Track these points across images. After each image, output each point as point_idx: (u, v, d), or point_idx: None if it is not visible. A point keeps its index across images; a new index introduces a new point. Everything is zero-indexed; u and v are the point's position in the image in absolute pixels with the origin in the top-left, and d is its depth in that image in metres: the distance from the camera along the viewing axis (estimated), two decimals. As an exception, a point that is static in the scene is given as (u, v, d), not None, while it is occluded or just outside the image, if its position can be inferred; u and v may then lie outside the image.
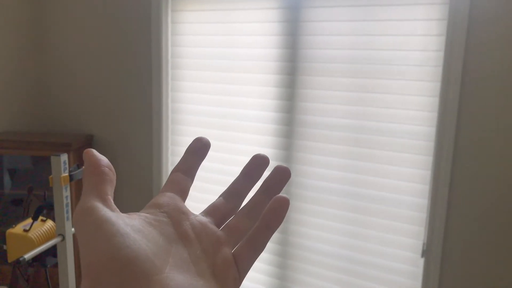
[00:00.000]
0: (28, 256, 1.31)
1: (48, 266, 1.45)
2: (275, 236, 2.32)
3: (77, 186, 2.58)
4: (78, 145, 2.62)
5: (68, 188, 1.46)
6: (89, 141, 2.79)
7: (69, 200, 1.45)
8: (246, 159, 2.34)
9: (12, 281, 2.32)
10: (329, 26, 2.06)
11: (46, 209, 1.48)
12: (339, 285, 2.18)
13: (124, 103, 2.69)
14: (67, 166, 1.43)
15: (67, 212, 1.45)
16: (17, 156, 2.82)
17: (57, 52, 2.93)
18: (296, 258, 2.28)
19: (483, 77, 1.81)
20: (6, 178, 2.78)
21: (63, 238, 1.45)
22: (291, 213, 2.26)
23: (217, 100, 2.39)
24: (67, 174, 1.43)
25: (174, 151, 2.59)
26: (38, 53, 3.02)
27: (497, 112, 1.80)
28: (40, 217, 1.51)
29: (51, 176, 1.43)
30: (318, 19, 2.09)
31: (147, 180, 2.67)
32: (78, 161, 2.62)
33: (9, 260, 1.46)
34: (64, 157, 1.42)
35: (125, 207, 2.79)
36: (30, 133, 2.81)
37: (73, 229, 1.54)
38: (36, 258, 1.45)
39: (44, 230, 1.47)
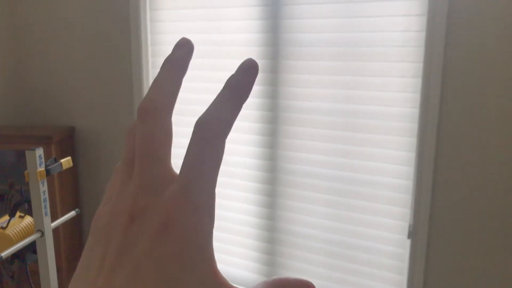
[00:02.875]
0: (5, 254, 1.28)
1: (29, 262, 1.43)
2: (263, 222, 2.31)
3: (52, 180, 2.54)
4: (59, 138, 2.57)
5: (45, 183, 1.42)
6: (71, 133, 2.74)
7: (46, 195, 1.41)
8: (230, 146, 2.32)
9: (-2, 278, 2.29)
10: (311, 9, 2.03)
11: (26, 205, 1.45)
12: (327, 269, 2.19)
13: (105, 93, 2.64)
14: (43, 160, 1.40)
15: (45, 207, 1.41)
16: (1, 150, 2.76)
17: (35, 44, 2.85)
18: (284, 243, 2.28)
19: (466, 56, 1.79)
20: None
21: (42, 234, 1.42)
22: (277, 199, 2.25)
23: (199, 87, 2.35)
24: (43, 168, 1.39)
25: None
26: (15, 45, 2.94)
27: (480, 92, 1.79)
28: (18, 213, 1.47)
29: (26, 171, 1.39)
30: (299, 3, 2.04)
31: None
32: (60, 153, 2.57)
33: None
34: (39, 151, 1.38)
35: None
36: (11, 127, 2.75)
37: (53, 224, 1.51)
38: (16, 255, 1.42)
39: (22, 226, 1.44)
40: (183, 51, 0.24)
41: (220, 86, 2.28)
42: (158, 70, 2.44)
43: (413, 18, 1.86)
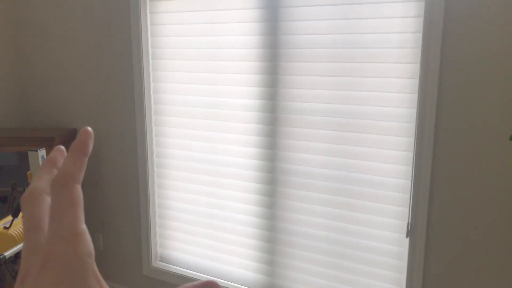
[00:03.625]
0: (8, 253, 1.30)
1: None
2: (263, 222, 2.33)
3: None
4: (61, 140, 2.59)
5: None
6: (73, 135, 2.76)
7: (49, 195, 1.44)
8: (230, 148, 2.34)
9: (0, 278, 2.31)
10: (309, 11, 2.05)
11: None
12: (326, 267, 2.21)
13: (107, 95, 2.66)
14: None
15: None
16: (1, 153, 2.79)
17: (37, 47, 2.87)
18: (284, 243, 2.30)
19: (463, 57, 1.81)
20: (-9, 176, 2.75)
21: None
22: (277, 199, 2.27)
23: (200, 89, 2.37)
24: (46, 169, 1.41)
25: (159, 142, 2.57)
26: (16, 48, 2.96)
27: (477, 90, 1.81)
28: (21, 214, 1.49)
29: (29, 171, 1.41)
30: (297, 5, 2.07)
31: (132, 172, 2.66)
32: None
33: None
34: (42, 152, 1.40)
35: (110, 202, 2.78)
36: (13, 129, 2.77)
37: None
38: (19, 255, 1.43)
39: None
40: (84, 138, 0.30)
41: (221, 88, 2.31)
42: (158, 72, 2.47)
43: (409, 19, 1.88)
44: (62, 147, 0.34)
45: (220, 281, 2.50)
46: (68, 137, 2.69)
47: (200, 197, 2.48)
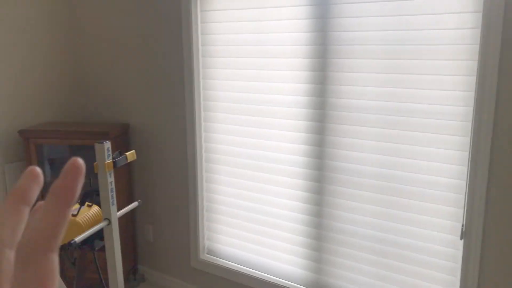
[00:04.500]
0: (78, 239, 1.38)
1: (96, 248, 1.53)
2: (310, 219, 2.34)
3: (117, 174, 2.67)
4: (115, 134, 2.70)
5: (112, 174, 1.52)
6: (125, 130, 2.87)
7: (113, 186, 1.51)
8: (278, 145, 2.36)
9: (60, 264, 2.43)
10: (360, 7, 2.04)
11: (93, 195, 1.55)
12: (375, 267, 2.19)
13: (158, 92, 2.75)
14: (110, 153, 1.49)
15: (112, 197, 1.51)
16: (56, 146, 2.93)
17: (93, 46, 3.00)
18: (331, 241, 2.30)
19: (524, 54, 1.75)
20: (47, 168, 2.90)
21: (109, 222, 1.52)
22: (325, 197, 2.27)
23: (248, 86, 2.41)
24: (111, 160, 1.49)
25: (207, 138, 2.63)
26: (75, 47, 3.11)
27: (539, 89, 1.74)
28: (86, 203, 1.58)
29: (96, 162, 1.49)
30: (348, 2, 2.06)
31: (182, 166, 2.73)
32: (117, 149, 2.70)
33: (65, 241, 1.54)
34: (107, 144, 1.48)
35: (161, 195, 2.87)
36: (69, 123, 2.91)
37: (118, 213, 1.61)
38: (85, 241, 1.52)
39: (90, 214, 1.54)
40: (70, 179, 0.24)
41: (269, 84, 2.34)
42: (208, 70, 2.52)
43: (467, 15, 1.84)
44: (37, 170, 0.25)
45: (265, 275, 2.53)
46: (121, 132, 2.79)
47: (247, 192, 2.52)
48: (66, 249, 2.38)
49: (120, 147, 2.77)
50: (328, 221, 2.29)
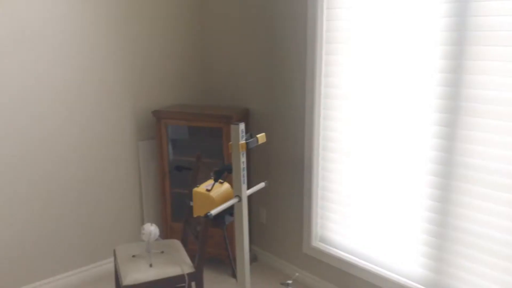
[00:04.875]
0: (214, 212, 1.48)
1: (227, 223, 1.62)
2: (433, 216, 2.21)
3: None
4: (237, 117, 2.82)
5: (245, 155, 1.60)
6: (246, 114, 2.98)
7: (245, 165, 1.58)
8: (401, 135, 2.26)
9: (183, 237, 2.63)
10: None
11: (226, 173, 1.65)
12: (505, 273, 2.00)
13: (278, 78, 2.80)
14: (244, 134, 1.56)
15: (243, 176, 1.58)
16: (176, 126, 3.16)
17: (217, 33, 3.16)
18: (456, 241, 2.15)
19: None
20: (169, 147, 3.13)
21: (240, 199, 1.60)
22: (452, 194, 2.13)
23: (370, 74, 2.33)
24: (244, 141, 1.56)
25: (326, 126, 2.62)
26: (202, 39, 3.31)
27: None
28: (219, 180, 1.68)
29: (230, 143, 1.58)
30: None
31: (299, 153, 2.76)
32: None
33: (194, 215, 1.67)
34: (242, 126, 1.55)
35: (276, 179, 2.94)
36: (195, 106, 3.11)
37: (248, 192, 1.69)
38: (216, 216, 1.62)
39: (222, 190, 1.64)
40: None
41: (393, 74, 2.23)
42: (331, 56, 2.48)
43: None
44: None
45: (379, 269, 2.46)
46: (243, 116, 2.90)
47: (365, 184, 2.46)
48: (190, 224, 2.57)
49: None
50: (454, 220, 2.14)
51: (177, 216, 3.19)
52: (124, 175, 3.06)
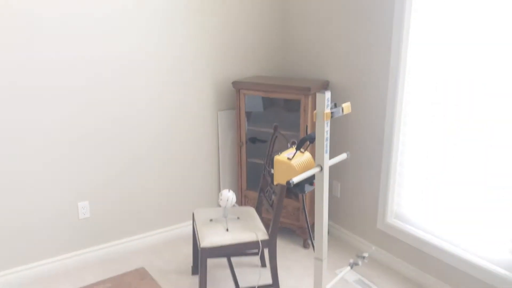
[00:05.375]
0: (296, 180, 1.50)
1: (306, 192, 1.64)
2: (526, 199, 2.06)
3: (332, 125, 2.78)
4: (315, 90, 2.79)
5: (329, 124, 1.58)
6: (325, 86, 2.94)
7: (328, 135, 1.57)
8: (488, 113, 2.10)
9: (257, 205, 2.70)
10: None
11: (308, 142, 1.65)
12: None
13: (361, 52, 2.71)
14: (329, 103, 1.55)
15: (326, 146, 1.58)
16: (251, 97, 3.19)
17: (300, 7, 3.11)
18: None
19: None
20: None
21: (321, 169, 1.60)
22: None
23: (459, 59, 2.18)
24: (329, 111, 1.54)
25: (408, 101, 2.51)
26: (284, 6, 3.28)
27: None
28: (300, 149, 1.69)
29: (315, 111, 1.57)
30: None
31: (378, 127, 2.69)
32: (314, 104, 2.79)
33: (275, 183, 1.70)
34: (328, 94, 1.53)
35: (354, 151, 2.89)
36: (273, 78, 3.12)
37: (330, 162, 1.68)
38: (296, 185, 1.64)
39: (303, 160, 1.65)
40: None
41: (483, 58, 2.06)
42: (416, 36, 2.34)
43: None
44: None
45: (457, 250, 2.36)
46: (323, 88, 2.87)
47: (447, 160, 2.34)
48: (265, 192, 2.62)
49: (319, 103, 2.86)
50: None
51: (252, 184, 3.27)
52: (204, 143, 3.18)
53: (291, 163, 1.61)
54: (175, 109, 2.99)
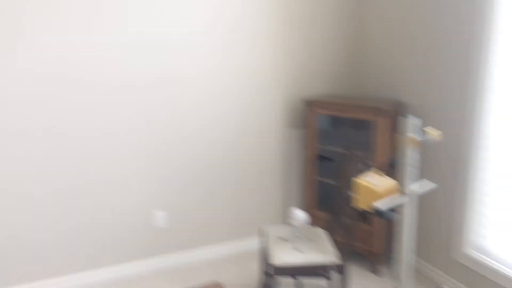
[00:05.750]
0: (384, 206, 1.47)
1: (393, 219, 1.59)
2: None
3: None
4: (388, 110, 2.72)
5: (415, 150, 1.54)
6: (399, 108, 2.86)
7: (415, 162, 1.53)
8: None
9: (327, 226, 2.67)
10: None
11: (393, 167, 1.61)
12: None
13: (439, 73, 2.63)
14: (416, 128, 1.51)
15: (412, 173, 1.53)
16: (319, 116, 3.17)
17: (372, 26, 3.08)
18: None
19: None
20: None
21: (408, 197, 1.56)
22: None
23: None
24: (413, 136, 1.50)
25: (488, 123, 2.38)
26: (357, 26, 3.27)
27: None
28: (380, 173, 1.65)
29: (398, 135, 1.54)
30: None
31: (455, 150, 2.57)
32: (390, 124, 2.71)
33: (358, 207, 1.67)
34: (412, 119, 1.49)
35: (428, 175, 2.77)
36: (344, 97, 3.10)
37: (419, 191, 1.63)
38: (380, 211, 1.59)
39: (387, 186, 1.61)
40: None
41: None
42: (500, 54, 2.22)
43: None
44: None
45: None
46: (395, 109, 2.79)
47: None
48: (336, 214, 2.58)
49: (394, 125, 2.79)
50: None
51: (320, 204, 3.23)
52: (271, 160, 3.20)
53: (377, 190, 1.58)
54: (244, 124, 3.06)
